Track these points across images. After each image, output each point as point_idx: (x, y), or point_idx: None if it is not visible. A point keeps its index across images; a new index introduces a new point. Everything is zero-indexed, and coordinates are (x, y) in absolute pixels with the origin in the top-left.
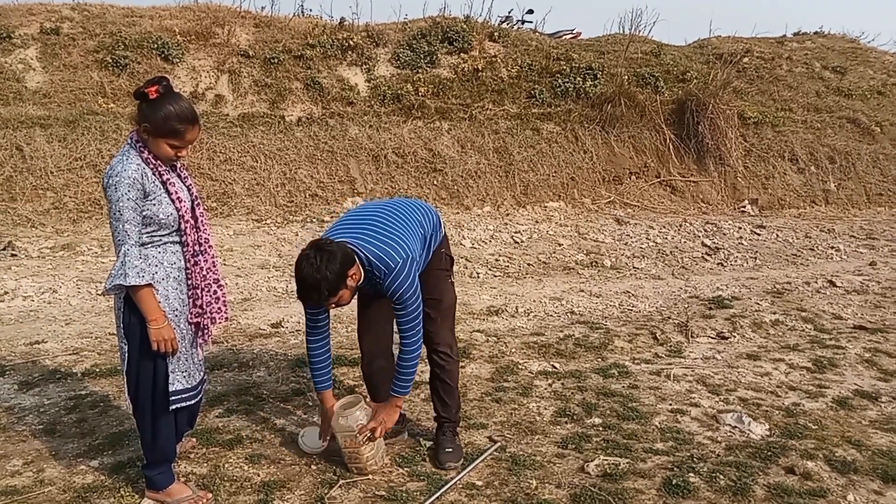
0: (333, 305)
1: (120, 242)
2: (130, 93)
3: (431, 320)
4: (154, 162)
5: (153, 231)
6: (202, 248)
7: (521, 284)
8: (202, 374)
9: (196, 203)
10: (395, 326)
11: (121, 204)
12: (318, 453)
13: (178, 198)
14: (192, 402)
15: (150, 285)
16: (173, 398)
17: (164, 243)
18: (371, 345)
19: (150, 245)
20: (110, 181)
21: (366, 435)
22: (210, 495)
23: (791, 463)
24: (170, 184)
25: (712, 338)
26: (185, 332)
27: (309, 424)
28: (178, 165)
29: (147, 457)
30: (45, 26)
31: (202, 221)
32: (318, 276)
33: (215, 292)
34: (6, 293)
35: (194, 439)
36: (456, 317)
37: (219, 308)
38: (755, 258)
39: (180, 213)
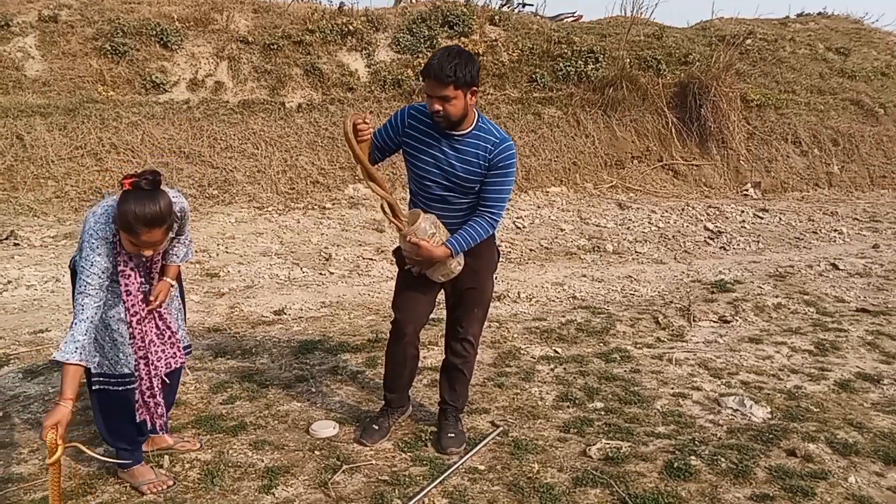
0: (439, 107)
1: (77, 310)
2: (130, 80)
3: (468, 311)
4: (120, 248)
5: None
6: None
7: (523, 270)
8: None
9: (154, 264)
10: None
11: (92, 255)
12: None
13: (128, 291)
14: (120, 388)
15: (80, 366)
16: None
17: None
18: (408, 322)
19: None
20: (88, 225)
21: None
22: (171, 482)
23: (792, 445)
24: (124, 276)
25: (714, 321)
26: (116, 325)
27: (316, 420)
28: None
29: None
30: (43, 14)
31: (154, 269)
32: (455, 60)
33: (170, 338)
34: (9, 282)
35: (170, 439)
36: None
37: (173, 353)
38: (758, 241)
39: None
